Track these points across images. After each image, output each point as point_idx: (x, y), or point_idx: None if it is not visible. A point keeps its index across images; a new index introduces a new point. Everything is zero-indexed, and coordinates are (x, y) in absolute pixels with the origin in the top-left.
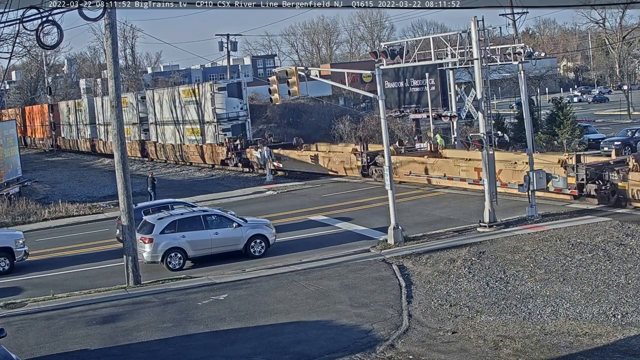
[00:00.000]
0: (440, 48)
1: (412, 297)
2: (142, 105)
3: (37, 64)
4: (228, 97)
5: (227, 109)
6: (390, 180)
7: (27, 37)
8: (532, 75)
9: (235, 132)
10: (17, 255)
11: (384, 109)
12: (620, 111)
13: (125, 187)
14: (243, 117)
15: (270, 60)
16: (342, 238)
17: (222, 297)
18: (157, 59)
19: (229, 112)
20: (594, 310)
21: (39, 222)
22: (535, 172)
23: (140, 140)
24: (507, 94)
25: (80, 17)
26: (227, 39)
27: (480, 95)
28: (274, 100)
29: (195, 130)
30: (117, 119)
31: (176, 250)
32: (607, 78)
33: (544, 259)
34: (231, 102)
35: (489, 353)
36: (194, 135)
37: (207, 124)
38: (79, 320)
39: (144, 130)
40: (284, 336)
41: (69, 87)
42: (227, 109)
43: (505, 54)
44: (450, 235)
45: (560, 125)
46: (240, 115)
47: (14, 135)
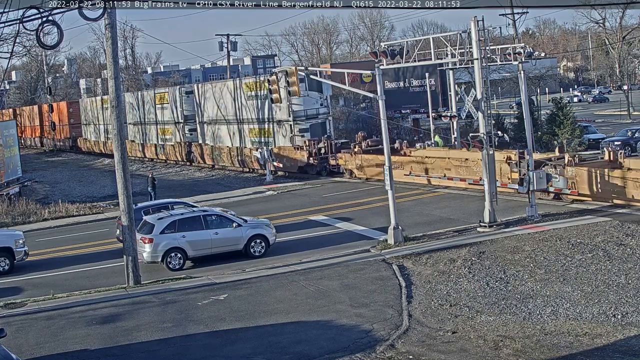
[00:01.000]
0: (440, 48)
1: (412, 297)
2: (188, 101)
3: (37, 64)
4: (307, 91)
5: (305, 104)
6: (391, 180)
7: (27, 37)
8: (532, 75)
9: (315, 132)
10: (17, 255)
11: (384, 109)
12: (620, 111)
13: (125, 187)
14: (323, 115)
15: (270, 60)
16: (342, 238)
17: (222, 297)
18: (157, 59)
19: (307, 109)
20: (594, 310)
21: (39, 222)
22: (535, 172)
23: (185, 142)
24: (507, 94)
25: (80, 17)
26: (227, 39)
27: (480, 95)
28: (274, 100)
29: (264, 132)
30: (117, 119)
31: (176, 250)
32: (607, 78)
33: (544, 259)
34: (309, 97)
35: (489, 353)
36: (260, 137)
37: (279, 124)
38: (79, 320)
39: (190, 131)
40: (284, 336)
41: (69, 87)
42: (305, 105)
43: (505, 54)
44: (450, 235)
45: (560, 125)
46: (321, 112)
47: (14, 135)
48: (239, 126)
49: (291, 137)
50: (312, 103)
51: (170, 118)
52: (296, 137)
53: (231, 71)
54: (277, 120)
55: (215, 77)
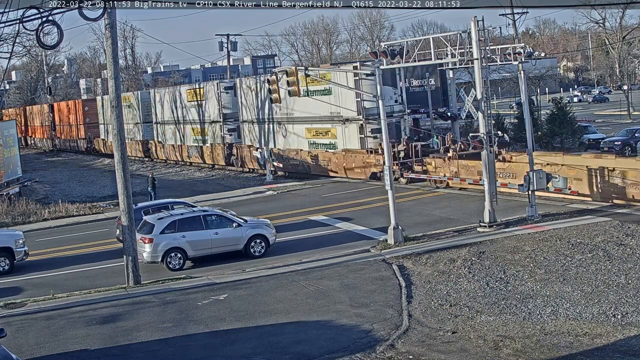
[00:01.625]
0: (440, 48)
1: (412, 297)
2: (229, 98)
3: (37, 64)
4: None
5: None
6: (391, 180)
7: (27, 37)
8: (532, 75)
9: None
10: (17, 255)
11: (384, 109)
12: (620, 111)
13: (125, 187)
14: (398, 114)
15: (270, 60)
16: (342, 238)
17: (222, 297)
18: (157, 59)
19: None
20: (594, 310)
21: (39, 222)
22: (535, 172)
23: (226, 144)
24: (507, 94)
25: (80, 17)
26: (227, 39)
27: (480, 95)
28: (274, 100)
29: (324, 132)
30: (117, 119)
31: (176, 250)
32: (607, 78)
33: (544, 259)
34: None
35: (489, 353)
36: (325, 138)
37: (346, 123)
38: (79, 320)
39: (229, 131)
40: (284, 336)
41: (69, 87)
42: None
43: (505, 54)
44: (450, 235)
45: (560, 125)
46: (395, 110)
47: (14, 135)
48: (292, 126)
49: (361, 139)
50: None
51: (208, 117)
52: (368, 138)
53: (231, 71)
54: (344, 118)
55: (215, 77)
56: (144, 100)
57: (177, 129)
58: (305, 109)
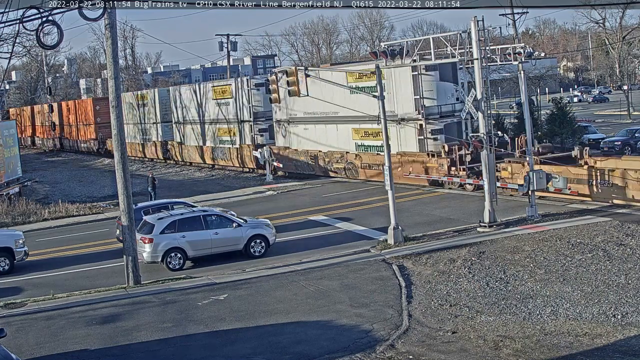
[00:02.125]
0: (440, 48)
1: (412, 297)
2: (258, 95)
3: (37, 64)
4: (439, 82)
5: (438, 98)
6: (390, 180)
7: (27, 37)
8: (532, 75)
9: (450, 134)
10: (17, 255)
11: (384, 108)
12: (620, 111)
13: (125, 187)
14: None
15: (270, 60)
16: (342, 238)
17: (222, 297)
18: (157, 59)
19: (441, 105)
20: (594, 310)
21: (39, 222)
22: (535, 172)
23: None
24: (507, 94)
25: (80, 17)
26: (227, 39)
27: (480, 95)
28: (273, 100)
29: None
30: (117, 118)
31: (176, 250)
32: (607, 78)
33: (544, 259)
34: (443, 89)
35: (489, 353)
36: (372, 140)
37: (401, 122)
38: (79, 320)
39: (260, 131)
40: (284, 336)
41: (69, 87)
42: (439, 98)
43: (505, 54)
44: (450, 235)
45: (560, 125)
46: (457, 108)
47: (14, 135)
48: (336, 125)
49: (420, 140)
50: (446, 97)
51: (234, 116)
52: (428, 139)
53: (231, 71)
54: (399, 118)
55: (215, 77)
56: (163, 98)
57: (201, 129)
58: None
